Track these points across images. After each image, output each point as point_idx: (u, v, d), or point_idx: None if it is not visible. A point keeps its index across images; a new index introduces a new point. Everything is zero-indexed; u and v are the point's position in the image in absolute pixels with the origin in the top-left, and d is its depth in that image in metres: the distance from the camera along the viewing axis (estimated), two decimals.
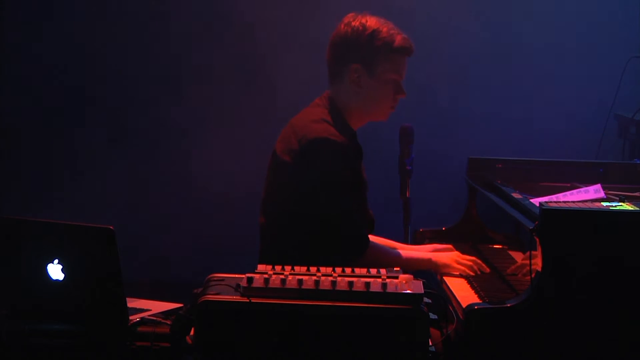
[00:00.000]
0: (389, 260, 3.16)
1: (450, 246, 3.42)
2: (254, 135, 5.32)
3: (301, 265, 2.66)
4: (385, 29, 3.23)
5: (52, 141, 5.35)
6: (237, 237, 5.29)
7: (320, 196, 3.12)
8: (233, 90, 5.35)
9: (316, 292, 2.50)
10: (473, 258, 3.27)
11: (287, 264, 2.67)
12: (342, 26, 3.27)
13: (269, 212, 3.28)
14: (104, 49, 5.33)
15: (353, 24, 3.25)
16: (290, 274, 2.56)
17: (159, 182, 5.37)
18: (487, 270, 3.22)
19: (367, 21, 3.25)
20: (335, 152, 3.13)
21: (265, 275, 2.54)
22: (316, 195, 3.12)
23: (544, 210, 2.69)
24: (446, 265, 3.23)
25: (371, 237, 3.23)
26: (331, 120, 3.22)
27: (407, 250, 3.33)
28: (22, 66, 5.33)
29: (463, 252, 3.34)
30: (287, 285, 2.51)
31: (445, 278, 3.16)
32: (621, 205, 2.94)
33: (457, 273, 3.19)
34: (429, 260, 3.27)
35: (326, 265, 2.64)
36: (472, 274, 3.18)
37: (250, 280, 2.51)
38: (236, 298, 2.50)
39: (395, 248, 3.33)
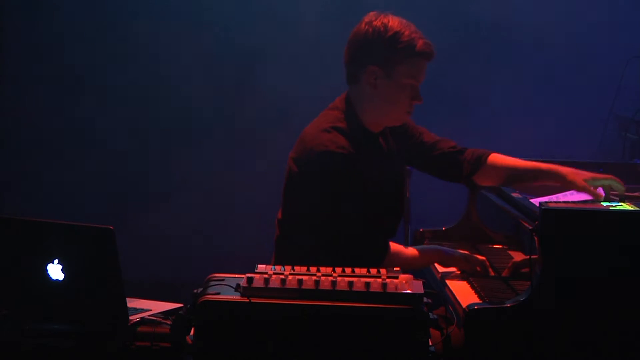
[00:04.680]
0: (403, 261, 3.12)
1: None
2: (255, 136, 5.33)
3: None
4: (407, 32, 3.11)
5: (51, 141, 5.35)
6: (237, 237, 5.31)
7: (331, 210, 3.06)
8: (234, 92, 5.36)
9: (316, 292, 2.50)
10: (483, 258, 3.26)
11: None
12: (363, 25, 3.14)
13: (283, 221, 3.24)
14: (108, 48, 5.33)
15: (375, 23, 3.12)
16: (290, 274, 2.56)
17: (159, 183, 5.38)
18: (492, 274, 3.22)
19: (389, 22, 3.12)
20: (340, 166, 3.06)
21: (265, 275, 2.54)
22: (326, 209, 3.07)
23: (544, 210, 2.69)
24: (455, 259, 3.22)
25: None
26: (345, 126, 3.13)
27: (414, 248, 3.31)
28: (21, 66, 5.34)
29: None
30: (287, 285, 2.51)
31: (444, 277, 3.16)
32: (621, 205, 2.94)
33: (466, 268, 3.19)
34: (439, 253, 3.24)
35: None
36: (473, 272, 3.18)
37: (250, 280, 2.51)
38: (236, 298, 2.50)
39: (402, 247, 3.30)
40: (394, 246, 3.18)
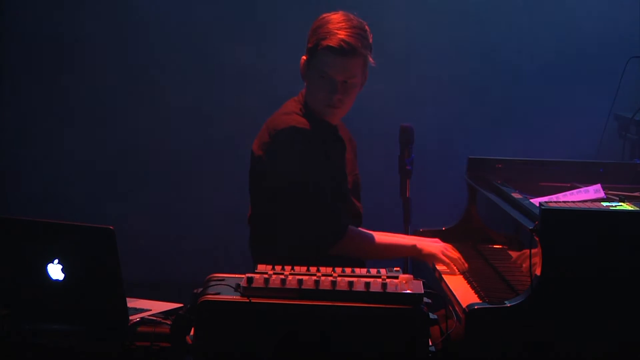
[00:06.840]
0: (369, 246, 3.19)
1: (437, 239, 3.40)
2: (254, 135, 5.31)
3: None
4: (331, 26, 3.17)
5: (51, 141, 5.35)
6: (237, 237, 5.30)
7: (293, 183, 3.13)
8: (232, 91, 5.35)
9: (316, 292, 2.51)
10: (458, 255, 3.26)
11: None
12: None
13: (254, 215, 3.32)
14: (109, 47, 5.33)
15: (320, 16, 3.24)
16: (290, 274, 2.56)
17: (159, 182, 5.37)
18: (465, 266, 3.21)
19: (326, 15, 3.21)
20: (302, 139, 3.15)
21: (265, 275, 2.54)
22: (289, 183, 3.14)
23: (544, 210, 2.69)
24: (432, 255, 3.23)
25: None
26: (303, 112, 3.24)
27: (390, 236, 3.32)
28: (23, 66, 5.34)
29: (463, 252, 3.33)
30: (287, 285, 2.51)
31: (444, 277, 3.16)
32: (621, 205, 2.94)
33: (444, 262, 3.19)
34: (414, 247, 3.25)
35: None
36: (454, 267, 3.18)
37: (250, 280, 2.51)
38: (236, 298, 2.50)
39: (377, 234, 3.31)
40: (361, 231, 3.23)
